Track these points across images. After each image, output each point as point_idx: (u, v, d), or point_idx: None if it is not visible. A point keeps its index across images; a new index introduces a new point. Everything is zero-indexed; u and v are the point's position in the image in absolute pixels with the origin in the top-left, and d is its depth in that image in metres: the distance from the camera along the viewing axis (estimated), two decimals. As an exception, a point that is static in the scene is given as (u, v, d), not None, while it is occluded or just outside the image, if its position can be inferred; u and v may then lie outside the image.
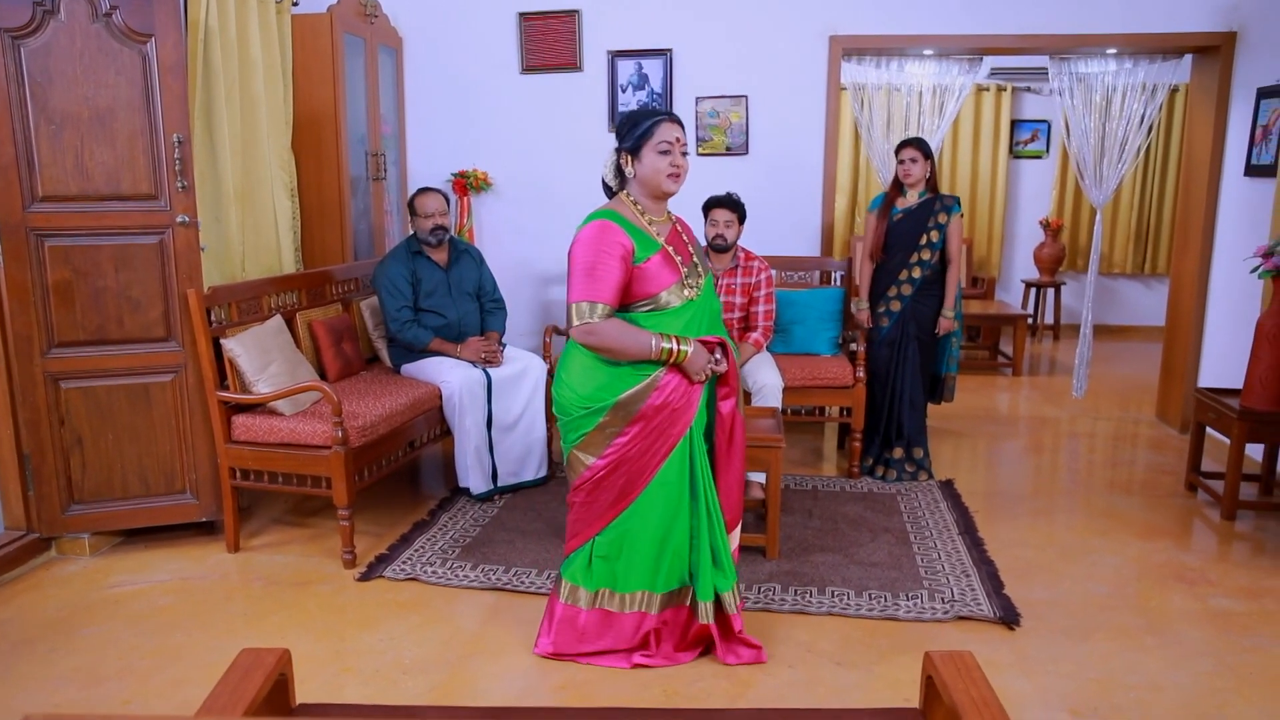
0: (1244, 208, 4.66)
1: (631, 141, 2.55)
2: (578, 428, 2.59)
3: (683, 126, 2.60)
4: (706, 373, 2.58)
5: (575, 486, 2.67)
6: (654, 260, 2.52)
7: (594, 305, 2.47)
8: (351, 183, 4.64)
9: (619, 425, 2.56)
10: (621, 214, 2.56)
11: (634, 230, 2.52)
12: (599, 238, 2.48)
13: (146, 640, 2.88)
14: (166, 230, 3.36)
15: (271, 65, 4.20)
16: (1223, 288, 4.87)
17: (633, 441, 2.55)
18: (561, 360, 2.69)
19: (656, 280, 2.52)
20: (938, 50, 5.12)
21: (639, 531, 2.63)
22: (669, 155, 2.52)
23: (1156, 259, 8.22)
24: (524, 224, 5.36)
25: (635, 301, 2.54)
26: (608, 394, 2.54)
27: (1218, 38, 4.77)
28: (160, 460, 3.48)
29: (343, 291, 4.35)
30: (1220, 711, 2.55)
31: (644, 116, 2.56)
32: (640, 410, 2.54)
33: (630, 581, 2.67)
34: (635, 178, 2.58)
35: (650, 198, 2.60)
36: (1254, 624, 3.03)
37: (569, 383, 2.61)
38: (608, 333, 2.48)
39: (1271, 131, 4.40)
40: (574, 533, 2.72)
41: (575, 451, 2.62)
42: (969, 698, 1.47)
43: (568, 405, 2.61)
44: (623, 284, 2.49)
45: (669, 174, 2.53)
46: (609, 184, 2.69)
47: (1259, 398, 3.85)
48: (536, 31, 5.18)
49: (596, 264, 2.47)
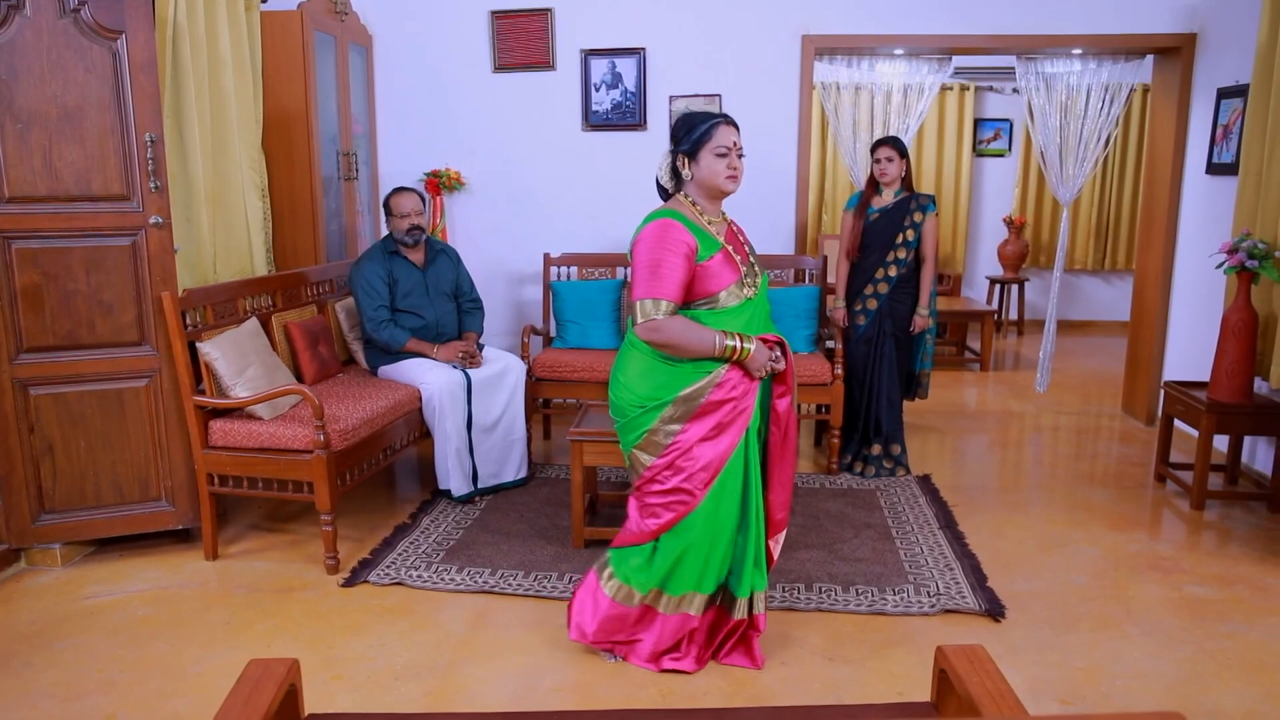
0: (1206, 205, 4.78)
1: (689, 145, 2.55)
2: (637, 426, 2.58)
3: (738, 129, 2.60)
4: (766, 370, 2.57)
5: (638, 486, 2.65)
6: (716, 259, 2.51)
7: (658, 302, 2.46)
8: (323, 183, 4.58)
9: (679, 422, 2.54)
10: (682, 213, 2.54)
11: (696, 229, 2.51)
12: (663, 235, 2.47)
13: (126, 652, 2.81)
14: (139, 232, 3.28)
15: (241, 63, 4.12)
16: (1186, 283, 4.99)
17: (692, 438, 2.53)
18: (618, 361, 2.66)
19: (718, 279, 2.51)
20: (908, 50, 5.18)
21: (700, 532, 2.58)
22: (726, 158, 2.52)
23: (1116, 255, 8.40)
24: (497, 224, 5.32)
25: (695, 300, 2.53)
26: (667, 391, 2.53)
27: (1179, 39, 4.88)
28: (134, 467, 3.40)
29: (317, 293, 4.28)
30: (1203, 697, 2.61)
31: (700, 120, 2.56)
32: (700, 406, 2.53)
33: (682, 583, 2.63)
34: (692, 180, 2.58)
35: (708, 198, 2.60)
36: (1228, 611, 3.11)
37: (627, 384, 2.59)
38: (673, 329, 2.47)
39: (1232, 131, 4.52)
40: (636, 528, 2.67)
41: (635, 451, 2.61)
42: (984, 690, 1.49)
43: (625, 406, 2.60)
44: (686, 281, 2.48)
45: (727, 176, 2.53)
46: (663, 185, 2.67)
47: (1225, 390, 3.95)
48: (509, 30, 5.14)
49: (661, 261, 2.45)
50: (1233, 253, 3.88)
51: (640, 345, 2.56)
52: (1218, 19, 4.70)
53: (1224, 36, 4.65)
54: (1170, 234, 5.06)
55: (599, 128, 5.23)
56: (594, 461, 3.55)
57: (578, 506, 3.54)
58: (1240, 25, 4.44)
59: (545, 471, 4.47)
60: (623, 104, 5.19)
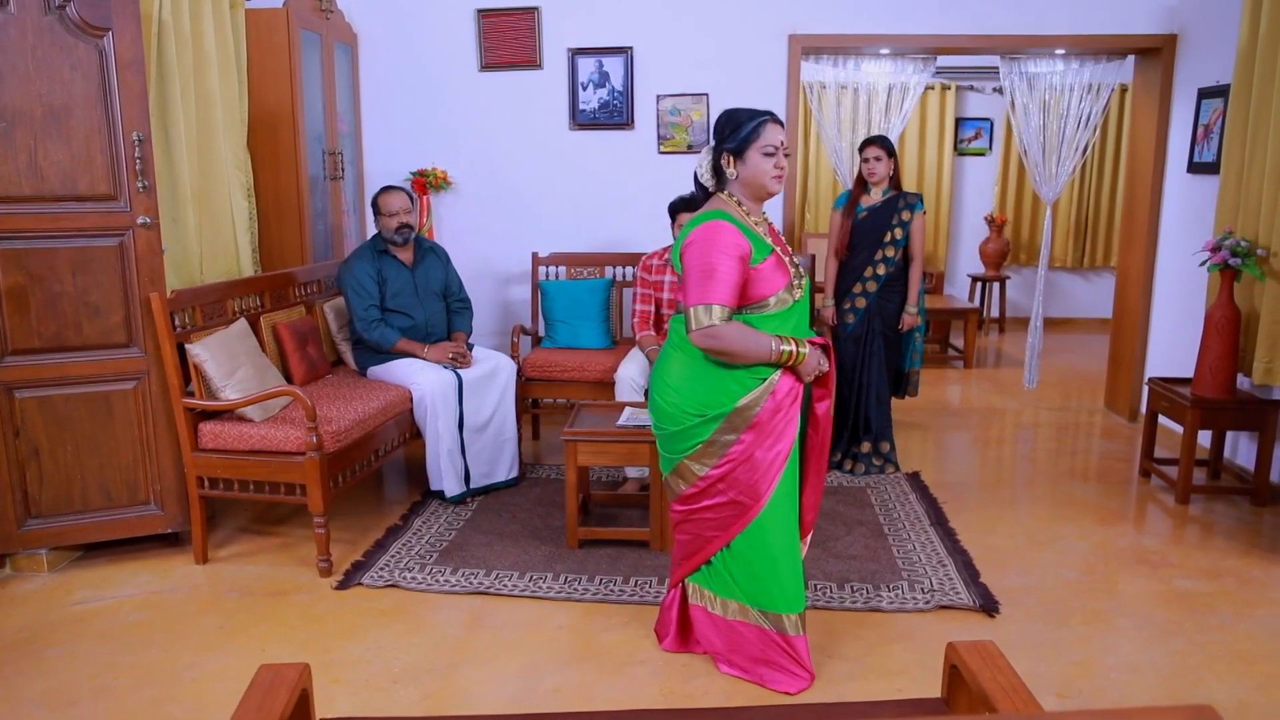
0: (1187, 204, 4.84)
1: (735, 142, 2.48)
2: (690, 437, 2.51)
3: (784, 127, 2.54)
4: (817, 373, 2.54)
5: (684, 496, 2.59)
6: (768, 262, 2.45)
7: (710, 308, 2.38)
8: (309, 182, 4.53)
9: (735, 432, 2.48)
10: (731, 214, 2.47)
11: (747, 231, 2.44)
12: (716, 239, 2.40)
13: (119, 658, 2.77)
14: (127, 232, 3.23)
15: (226, 61, 4.07)
16: (1167, 281, 5.06)
17: (748, 449, 2.48)
18: (663, 366, 2.60)
19: (771, 283, 2.45)
20: (894, 50, 5.21)
21: (774, 544, 2.54)
22: (773, 158, 2.47)
23: (1096, 253, 8.49)
24: (485, 223, 5.30)
25: (744, 305, 2.46)
26: (724, 400, 2.46)
27: (1160, 40, 4.94)
28: (123, 471, 3.35)
29: (305, 293, 4.24)
30: (1195, 688, 2.65)
31: (747, 117, 2.49)
32: (756, 415, 2.47)
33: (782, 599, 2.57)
34: (737, 179, 2.51)
35: (752, 198, 2.54)
36: (1216, 603, 3.15)
37: (676, 388, 2.53)
38: (731, 336, 2.40)
39: (1213, 130, 4.58)
40: (695, 550, 2.62)
41: (687, 461, 2.54)
42: (997, 685, 1.50)
43: (677, 414, 2.52)
44: (740, 286, 2.41)
45: (773, 175, 2.48)
46: (703, 183, 2.60)
47: (1209, 386, 4.01)
48: (495, 28, 5.12)
49: (716, 266, 2.38)
50: (1216, 250, 3.93)
51: (688, 349, 2.49)
52: (1198, 20, 4.76)
53: (1204, 37, 4.71)
54: (1152, 232, 5.12)
55: (586, 127, 5.22)
56: (588, 461, 3.55)
57: (572, 507, 3.53)
58: (1220, 26, 4.51)
59: (535, 471, 4.46)
60: (610, 103, 5.19)
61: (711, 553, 2.61)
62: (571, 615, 3.04)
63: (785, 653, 2.59)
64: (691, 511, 2.60)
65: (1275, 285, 3.85)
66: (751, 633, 2.61)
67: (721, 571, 2.62)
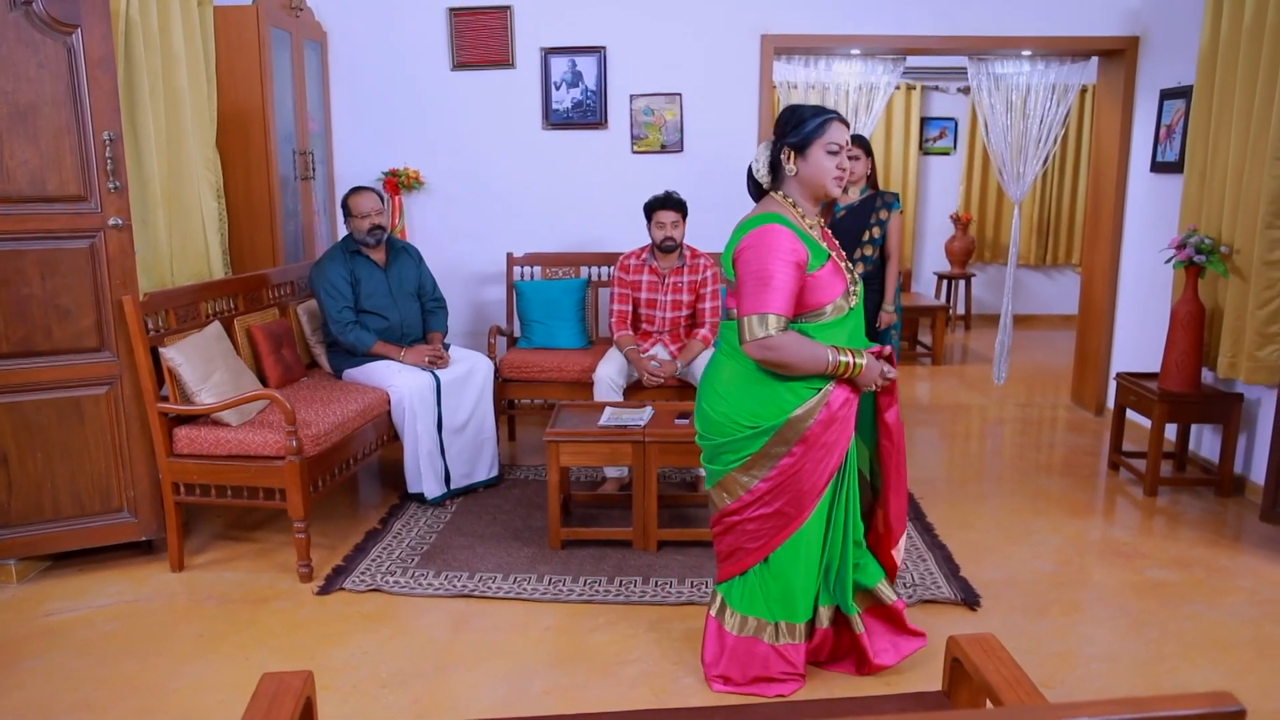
0: (1150, 202, 4.95)
1: (799, 137, 2.38)
2: (741, 449, 2.42)
3: (849, 128, 2.47)
4: (878, 384, 2.46)
5: (730, 510, 2.50)
6: (826, 269, 2.36)
7: (765, 318, 2.28)
8: (280, 182, 4.47)
9: (787, 444, 2.39)
10: (785, 217, 2.37)
11: (803, 236, 2.35)
12: (772, 244, 2.30)
13: (98, 670, 2.71)
14: (98, 234, 3.16)
15: (194, 59, 4.00)
16: (1132, 278, 5.17)
17: (799, 461, 2.39)
18: (712, 374, 2.51)
19: (829, 290, 2.36)
20: (864, 50, 5.26)
21: (806, 555, 2.50)
22: (836, 157, 2.38)
23: (1058, 251, 8.64)
24: (458, 223, 5.26)
25: (800, 313, 2.37)
26: (777, 412, 2.38)
27: (1122, 42, 5.05)
28: (95, 478, 3.28)
29: (278, 295, 4.18)
30: (1172, 676, 2.71)
31: (812, 113, 2.39)
32: (809, 428, 2.38)
33: (803, 608, 2.55)
34: (796, 175, 2.41)
35: (808, 199, 2.44)
36: (1188, 592, 3.23)
37: (726, 396, 2.44)
38: (788, 347, 2.29)
39: (1175, 130, 4.69)
40: (735, 557, 2.55)
41: (735, 473, 2.45)
42: (1000, 677, 1.53)
43: (726, 424, 2.43)
44: (796, 294, 2.32)
45: (835, 176, 2.39)
46: (758, 179, 2.50)
47: (1175, 380, 4.10)
48: (468, 27, 5.09)
49: (772, 273, 2.28)
50: (1181, 248, 4.03)
51: (739, 357, 2.40)
52: (1160, 23, 4.87)
53: (1166, 39, 4.82)
54: (1116, 230, 5.23)
55: (560, 126, 5.20)
56: (570, 462, 3.54)
57: (554, 508, 3.52)
58: (1181, 29, 4.61)
59: (513, 473, 4.44)
60: (583, 103, 5.18)
61: (749, 565, 2.53)
62: (558, 616, 3.04)
63: (786, 664, 2.57)
64: (734, 524, 2.51)
65: (1238, 282, 3.95)
66: (762, 650, 2.55)
67: (754, 585, 2.54)
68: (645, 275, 4.35)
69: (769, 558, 2.51)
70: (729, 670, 2.58)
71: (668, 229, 4.20)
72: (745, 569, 2.54)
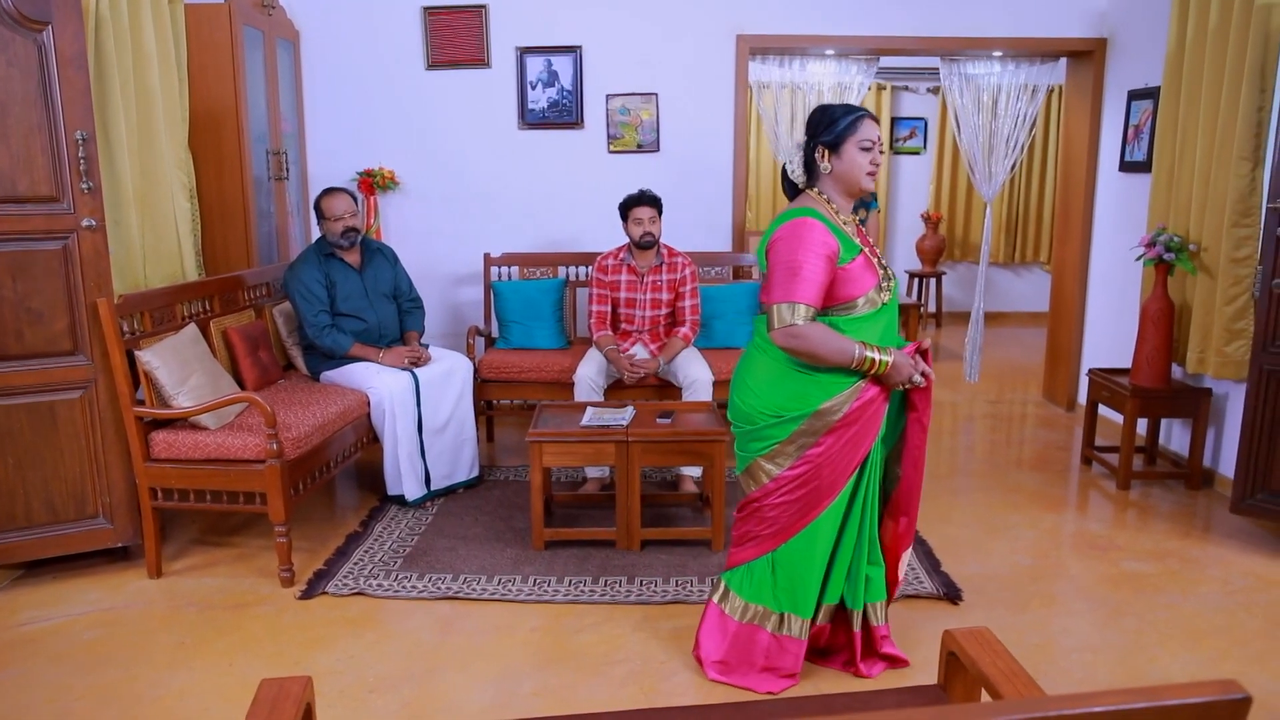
0: (1119, 201, 5.04)
1: (832, 136, 2.43)
2: (767, 437, 2.46)
3: (879, 124, 2.50)
4: (908, 384, 2.44)
5: (754, 498, 2.54)
6: (857, 262, 2.40)
7: (795, 307, 2.33)
8: (253, 183, 4.41)
9: (815, 435, 2.42)
10: (819, 211, 2.42)
11: (836, 230, 2.39)
12: (804, 236, 2.34)
13: (77, 680, 2.66)
14: (70, 235, 3.10)
15: (166, 58, 3.94)
16: (1101, 275, 5.26)
17: (826, 452, 2.42)
18: (744, 368, 2.54)
19: (860, 284, 2.39)
20: (839, 50, 5.30)
21: (818, 549, 2.52)
22: (870, 153, 2.42)
23: (1026, 249, 8.77)
24: (434, 224, 5.23)
25: (832, 306, 2.40)
26: (805, 403, 2.41)
27: (1091, 43, 5.14)
28: (69, 484, 3.22)
29: (254, 297, 4.13)
30: (1151, 665, 2.77)
31: (843, 112, 2.44)
32: (839, 420, 2.41)
33: (807, 603, 2.56)
34: (831, 173, 2.46)
35: (843, 195, 2.49)
36: (1163, 583, 3.30)
37: (756, 390, 2.48)
38: (813, 337, 2.33)
39: (1143, 130, 4.78)
40: (749, 544, 2.57)
41: (761, 461, 2.49)
42: (997, 669, 1.55)
43: (754, 414, 2.47)
44: (826, 285, 2.36)
45: (868, 171, 2.43)
46: (793, 179, 2.55)
47: (1146, 376, 4.18)
48: (442, 26, 5.06)
49: (801, 264, 2.33)
50: (1151, 246, 4.10)
51: (772, 350, 2.44)
52: (1127, 25, 4.96)
53: (1133, 41, 4.91)
54: (1086, 228, 5.32)
55: (536, 126, 5.19)
56: (553, 463, 3.54)
57: (538, 508, 3.51)
58: (1148, 31, 4.70)
59: (492, 474, 4.42)
60: (559, 102, 5.17)
61: (761, 552, 2.55)
62: (544, 617, 3.03)
63: (785, 656, 2.58)
64: (756, 510, 2.54)
65: (1206, 279, 4.04)
66: (763, 639, 2.57)
67: (764, 574, 2.56)
68: (624, 275, 4.35)
69: (781, 548, 2.53)
70: (729, 656, 2.60)
71: (645, 224, 4.20)
72: (756, 556, 2.56)
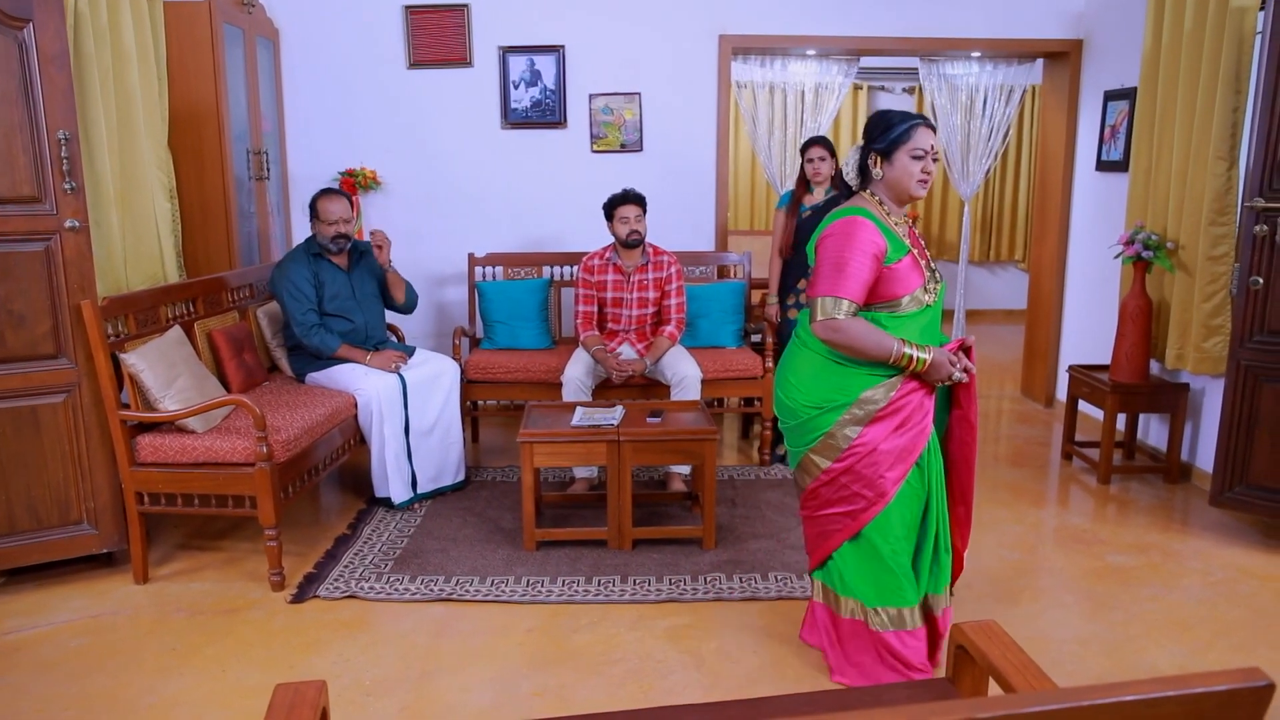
0: (1096, 200, 5.12)
1: (885, 143, 2.46)
2: (812, 429, 2.51)
3: (935, 131, 2.52)
4: (947, 380, 2.47)
5: (811, 491, 2.57)
6: (904, 262, 2.44)
7: (839, 301, 2.37)
8: (235, 183, 4.36)
9: (859, 425, 2.46)
10: (871, 211, 2.46)
11: (885, 230, 2.43)
12: (853, 234, 2.39)
13: (65, 688, 2.61)
14: (53, 236, 3.05)
15: (145, 56, 3.88)
16: (1078, 273, 5.33)
17: (872, 443, 2.45)
18: (787, 361, 2.59)
19: (905, 283, 2.43)
20: (820, 51, 5.34)
21: (896, 539, 2.52)
22: (921, 161, 2.45)
23: (1001, 248, 8.87)
24: (417, 224, 5.20)
25: (875, 303, 2.45)
26: (846, 393, 2.46)
27: (1067, 44, 5.21)
28: (52, 489, 3.16)
29: (238, 298, 4.08)
30: (1138, 657, 2.81)
31: (899, 119, 2.47)
32: (881, 410, 2.45)
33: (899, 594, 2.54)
34: (883, 179, 2.49)
35: (895, 200, 2.52)
36: (1147, 576, 3.36)
37: (797, 384, 2.53)
38: (854, 331, 2.38)
39: (1119, 130, 4.86)
40: (821, 541, 2.60)
41: (810, 454, 2.53)
42: (1008, 662, 1.57)
43: (797, 407, 2.52)
44: (871, 283, 2.40)
45: (919, 180, 2.46)
46: (848, 182, 2.58)
47: (1125, 372, 4.25)
48: (424, 25, 5.03)
49: (848, 260, 2.37)
50: (1130, 244, 4.17)
51: (814, 344, 2.50)
52: (1103, 26, 5.04)
53: (1109, 43, 4.98)
54: (1063, 227, 5.39)
55: (519, 126, 5.17)
56: (544, 463, 3.53)
57: (529, 508, 3.51)
58: (1123, 33, 4.78)
59: (479, 475, 4.40)
60: (542, 102, 5.16)
61: (833, 548, 2.58)
62: (539, 618, 3.03)
63: (895, 652, 2.56)
64: (817, 506, 2.58)
65: (1184, 276, 4.11)
66: (868, 635, 2.58)
67: (849, 567, 2.58)
68: (610, 275, 4.34)
69: (856, 539, 2.55)
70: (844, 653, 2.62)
71: (631, 223, 4.20)
72: (831, 552, 2.59)
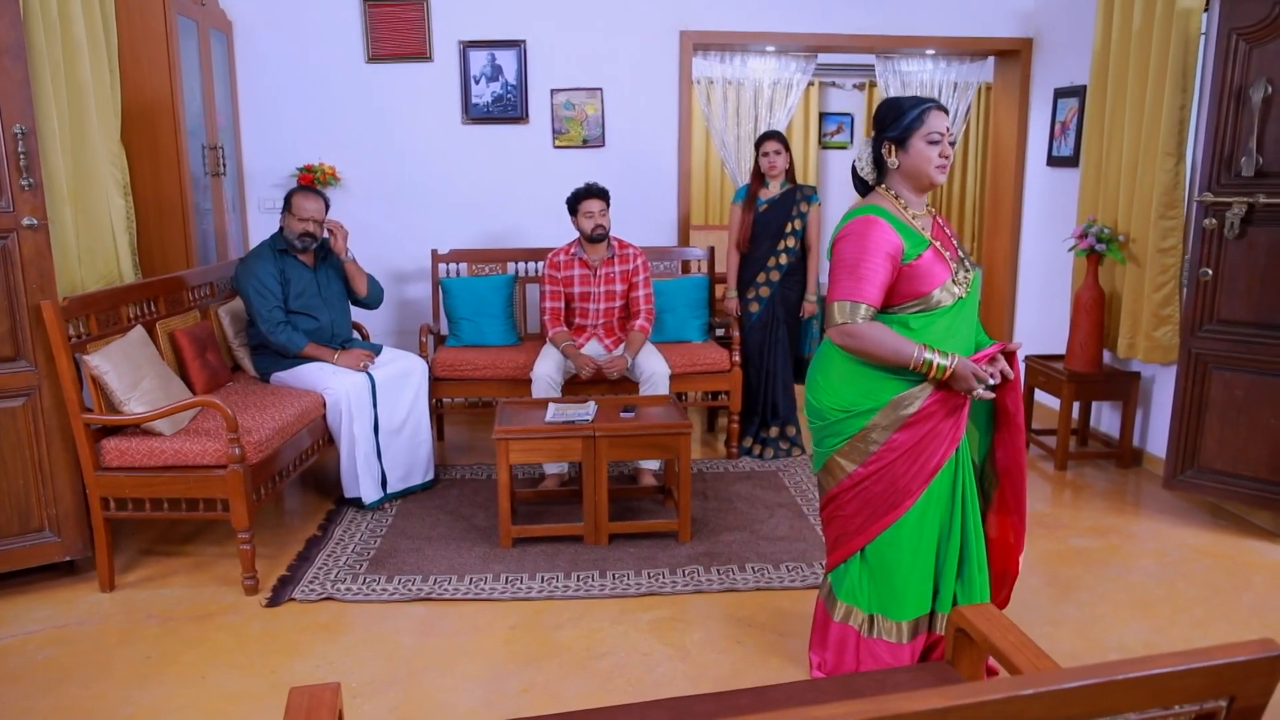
0: (1047, 194, 5.26)
1: (898, 130, 2.36)
2: (840, 431, 2.43)
3: (949, 114, 2.42)
4: (974, 389, 2.32)
5: (832, 495, 2.51)
6: (925, 257, 2.33)
7: (856, 305, 2.30)
8: (191, 179, 4.25)
9: (887, 430, 2.38)
10: (886, 209, 2.36)
11: (901, 227, 2.33)
12: (866, 234, 2.31)
13: (37, 701, 2.54)
14: (10, 235, 2.94)
15: (97, 48, 3.76)
16: (1030, 266, 5.48)
17: (898, 449, 2.37)
18: (818, 362, 2.52)
19: (929, 278, 2.33)
20: (779, 47, 5.40)
21: (905, 550, 2.45)
22: (938, 145, 2.34)
23: (948, 241, 9.06)
24: (378, 220, 5.12)
25: (905, 302, 2.35)
26: (876, 397, 2.38)
27: (1018, 43, 5.35)
28: (12, 496, 3.06)
29: (198, 297, 3.98)
30: (1106, 635, 2.92)
31: (911, 104, 2.37)
32: (912, 415, 2.36)
33: (899, 606, 2.49)
34: (899, 169, 2.38)
35: (913, 190, 2.41)
36: (1109, 557, 3.48)
37: (826, 386, 2.46)
38: (869, 336, 2.30)
39: (1069, 126, 5.00)
40: (839, 543, 2.54)
41: (836, 457, 2.46)
42: (1009, 642, 1.62)
43: (825, 409, 2.45)
44: (888, 284, 2.32)
45: (937, 165, 2.35)
46: (863, 176, 2.48)
47: (1080, 361, 4.39)
48: (382, 19, 4.96)
49: (862, 262, 2.30)
50: (1083, 237, 4.30)
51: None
52: (1052, 25, 5.18)
53: (1058, 41, 5.13)
54: (1015, 221, 5.54)
55: (480, 121, 5.13)
56: (519, 459, 3.52)
57: (505, 505, 3.49)
58: (1072, 32, 4.92)
59: (446, 473, 4.37)
60: (504, 97, 5.12)
61: (851, 552, 2.53)
62: (521, 615, 3.02)
63: (876, 662, 2.51)
64: (839, 508, 2.52)
65: (1135, 268, 4.25)
66: (853, 640, 2.54)
67: (857, 574, 2.53)
68: (576, 269, 4.34)
69: (868, 547, 2.50)
70: (827, 656, 2.60)
71: (596, 217, 4.20)
72: (848, 556, 2.54)
